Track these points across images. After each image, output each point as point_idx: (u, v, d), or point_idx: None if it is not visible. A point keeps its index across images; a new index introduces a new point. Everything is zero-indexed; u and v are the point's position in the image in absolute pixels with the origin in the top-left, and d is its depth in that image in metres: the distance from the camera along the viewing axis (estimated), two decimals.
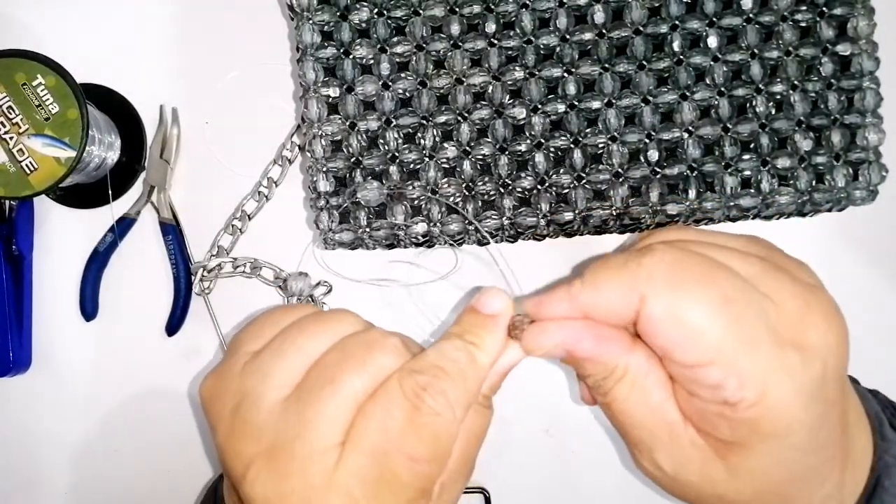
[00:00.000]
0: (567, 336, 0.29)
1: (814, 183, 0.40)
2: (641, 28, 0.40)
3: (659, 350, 0.29)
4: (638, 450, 0.31)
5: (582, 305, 0.29)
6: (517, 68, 0.40)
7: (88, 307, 0.46)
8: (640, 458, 0.31)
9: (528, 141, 0.40)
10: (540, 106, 0.40)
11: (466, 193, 0.40)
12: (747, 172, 0.40)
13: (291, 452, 0.27)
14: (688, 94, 0.40)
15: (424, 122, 0.40)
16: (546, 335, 0.29)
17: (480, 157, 0.40)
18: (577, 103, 0.40)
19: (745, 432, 0.28)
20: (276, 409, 0.28)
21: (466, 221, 0.40)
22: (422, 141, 0.40)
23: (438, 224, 0.40)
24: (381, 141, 0.40)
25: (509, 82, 0.40)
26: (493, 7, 0.40)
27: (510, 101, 0.40)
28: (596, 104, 0.40)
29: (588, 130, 0.40)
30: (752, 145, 0.40)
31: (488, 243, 0.41)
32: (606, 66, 0.40)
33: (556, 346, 0.29)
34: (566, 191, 0.40)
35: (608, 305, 0.29)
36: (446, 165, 0.40)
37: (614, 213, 0.40)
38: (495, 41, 0.40)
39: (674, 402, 0.29)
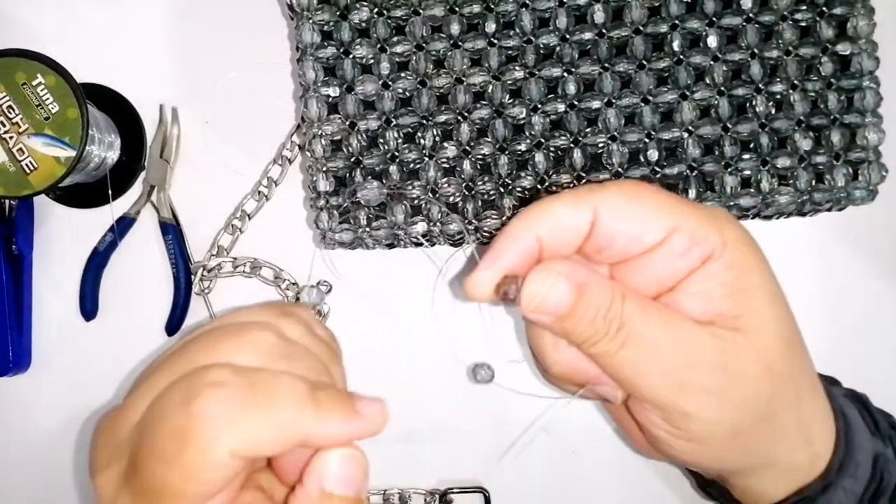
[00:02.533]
0: (563, 265, 0.30)
1: (813, 182, 0.40)
2: (641, 28, 0.40)
3: (622, 250, 0.30)
4: (679, 382, 0.29)
5: (537, 234, 0.30)
6: (517, 68, 0.40)
7: (88, 307, 0.46)
8: (686, 395, 0.29)
9: (528, 140, 0.40)
10: (540, 105, 0.40)
11: (466, 193, 0.40)
12: (747, 172, 0.40)
13: (129, 399, 0.28)
14: (688, 93, 0.40)
15: (424, 121, 0.40)
16: (543, 272, 0.29)
17: (480, 156, 0.40)
18: (576, 103, 0.40)
19: (734, 282, 0.29)
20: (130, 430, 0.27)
21: (466, 221, 0.40)
22: (422, 140, 0.40)
23: (438, 224, 0.40)
24: (381, 140, 0.40)
25: (509, 82, 0.40)
26: (492, 7, 0.40)
27: (510, 101, 0.40)
28: (596, 104, 0.40)
29: (588, 130, 0.40)
30: (751, 145, 0.40)
31: (487, 243, 0.41)
32: (606, 65, 0.40)
33: (555, 284, 0.29)
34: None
35: (565, 223, 0.30)
36: (446, 165, 0.40)
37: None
38: (495, 41, 0.40)
39: (673, 311, 0.30)
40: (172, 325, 0.45)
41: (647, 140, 0.40)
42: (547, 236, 0.30)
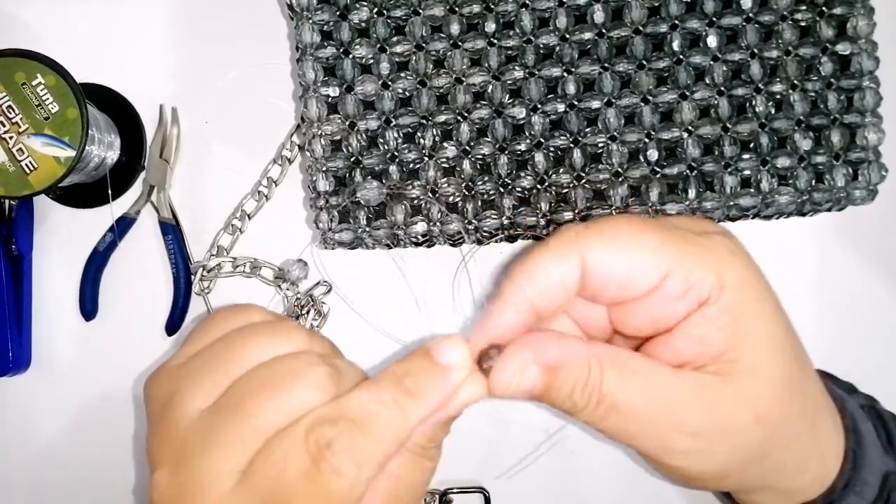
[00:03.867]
0: (530, 350, 0.28)
1: (813, 182, 0.40)
2: (641, 28, 0.40)
3: (617, 293, 0.29)
4: (665, 444, 0.29)
5: (527, 298, 0.29)
6: (517, 68, 0.40)
7: (88, 307, 0.46)
8: (672, 454, 0.29)
9: (528, 140, 0.40)
10: (539, 105, 0.40)
11: (466, 193, 0.40)
12: (747, 172, 0.40)
13: (193, 467, 0.27)
14: (687, 93, 0.40)
15: (424, 121, 0.40)
16: (511, 362, 0.28)
17: (480, 156, 0.40)
18: (576, 103, 0.40)
19: (731, 326, 0.28)
20: (194, 417, 0.28)
21: (466, 221, 0.40)
22: (421, 140, 0.40)
23: (438, 224, 0.40)
24: (381, 140, 0.40)
25: (509, 82, 0.40)
26: (492, 7, 0.40)
27: (510, 101, 0.40)
28: (595, 104, 0.40)
29: (588, 130, 0.40)
30: (751, 145, 0.40)
31: (487, 243, 0.41)
32: (606, 65, 0.40)
33: (525, 371, 0.28)
34: (566, 190, 0.40)
35: (553, 279, 0.29)
36: (446, 165, 0.40)
37: (614, 213, 0.40)
38: (495, 41, 0.40)
39: (662, 364, 0.29)
40: (172, 325, 0.45)
41: (646, 140, 0.40)
42: (537, 298, 0.29)
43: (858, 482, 0.32)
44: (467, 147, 0.40)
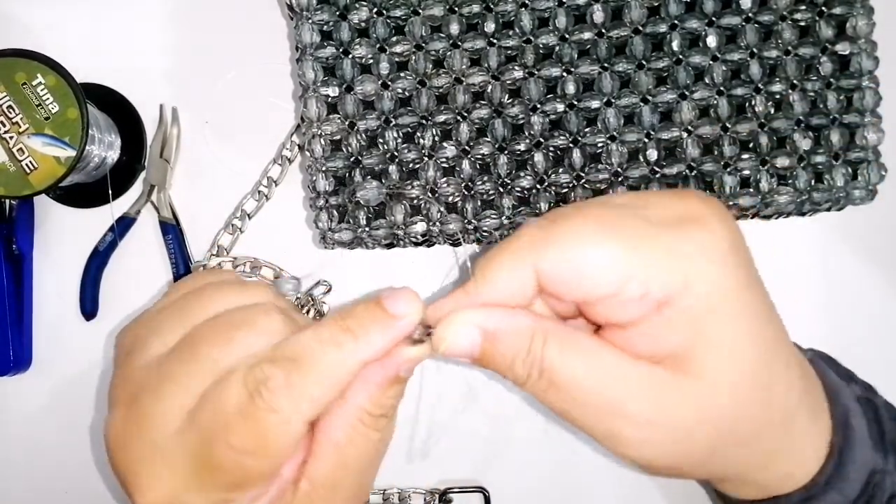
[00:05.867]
0: (474, 314, 0.28)
1: (813, 182, 0.40)
2: (640, 27, 0.40)
3: (575, 297, 0.28)
4: (610, 429, 0.29)
5: (482, 301, 0.29)
6: (516, 68, 0.40)
7: (88, 306, 0.46)
8: (618, 441, 0.29)
9: (528, 140, 0.40)
10: (539, 105, 0.40)
11: (466, 193, 0.40)
12: (746, 172, 0.40)
13: (144, 405, 0.28)
14: (687, 93, 0.40)
15: (424, 121, 0.40)
16: (453, 322, 0.28)
17: (480, 156, 0.40)
18: (576, 103, 0.40)
19: (689, 329, 0.27)
20: (152, 363, 0.29)
21: (466, 221, 0.40)
22: (421, 140, 0.40)
23: (438, 224, 0.40)
24: (381, 140, 0.40)
25: (508, 82, 0.40)
26: (492, 6, 0.40)
27: (509, 101, 0.40)
28: (595, 103, 0.40)
29: (587, 130, 0.40)
30: (751, 145, 0.40)
31: (487, 243, 0.41)
32: (605, 65, 0.40)
33: (465, 332, 0.28)
34: (565, 190, 0.40)
35: (507, 287, 0.29)
36: (445, 165, 0.40)
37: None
38: (494, 41, 0.40)
39: (614, 348, 0.28)
40: None
41: (646, 140, 0.40)
42: (491, 302, 0.29)
43: (840, 479, 0.31)
44: (467, 147, 0.40)
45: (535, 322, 0.29)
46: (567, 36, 0.40)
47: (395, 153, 0.40)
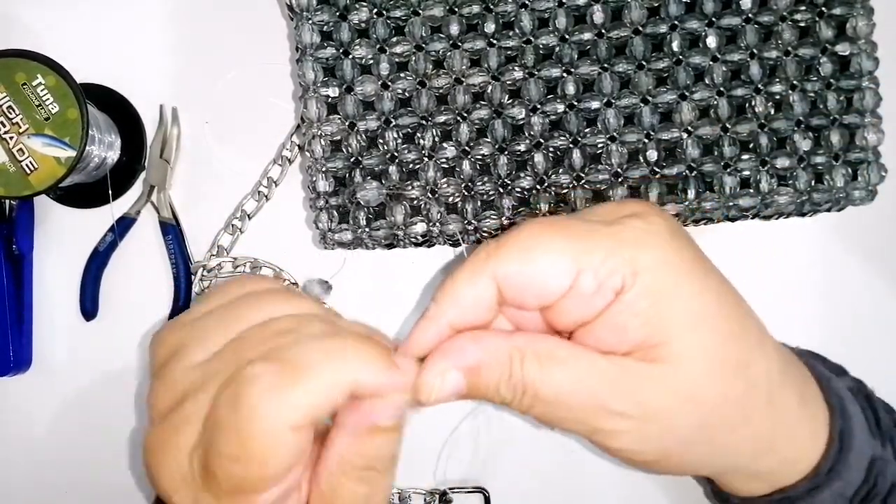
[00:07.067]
0: (448, 358, 0.29)
1: (813, 183, 0.40)
2: (641, 28, 0.40)
3: (536, 301, 0.29)
4: (594, 426, 0.29)
5: (448, 321, 0.29)
6: (516, 68, 0.40)
7: (88, 307, 0.46)
8: (603, 435, 0.29)
9: (528, 141, 0.40)
10: (539, 106, 0.40)
11: (466, 193, 0.40)
12: (746, 172, 0.40)
13: (176, 415, 0.28)
14: (687, 94, 0.40)
15: (424, 122, 0.40)
16: (430, 371, 0.29)
17: (480, 156, 0.40)
18: (576, 103, 0.40)
19: (649, 310, 0.28)
20: (192, 370, 0.29)
21: (465, 221, 0.40)
22: (421, 141, 0.40)
23: (438, 224, 0.40)
24: (381, 141, 0.40)
25: (508, 82, 0.40)
26: (492, 7, 0.40)
27: (509, 101, 0.40)
28: (595, 104, 0.40)
29: (587, 130, 0.40)
30: (751, 145, 0.40)
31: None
32: (605, 66, 0.40)
33: (445, 378, 0.29)
34: (565, 191, 0.40)
35: (470, 303, 0.29)
36: (446, 165, 0.40)
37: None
38: (494, 41, 0.40)
39: (587, 349, 0.29)
40: None
41: (646, 140, 0.40)
42: (458, 320, 0.30)
43: (844, 466, 0.31)
44: (467, 147, 0.40)
45: (507, 341, 0.29)
46: (567, 36, 0.40)
47: (396, 154, 0.40)
